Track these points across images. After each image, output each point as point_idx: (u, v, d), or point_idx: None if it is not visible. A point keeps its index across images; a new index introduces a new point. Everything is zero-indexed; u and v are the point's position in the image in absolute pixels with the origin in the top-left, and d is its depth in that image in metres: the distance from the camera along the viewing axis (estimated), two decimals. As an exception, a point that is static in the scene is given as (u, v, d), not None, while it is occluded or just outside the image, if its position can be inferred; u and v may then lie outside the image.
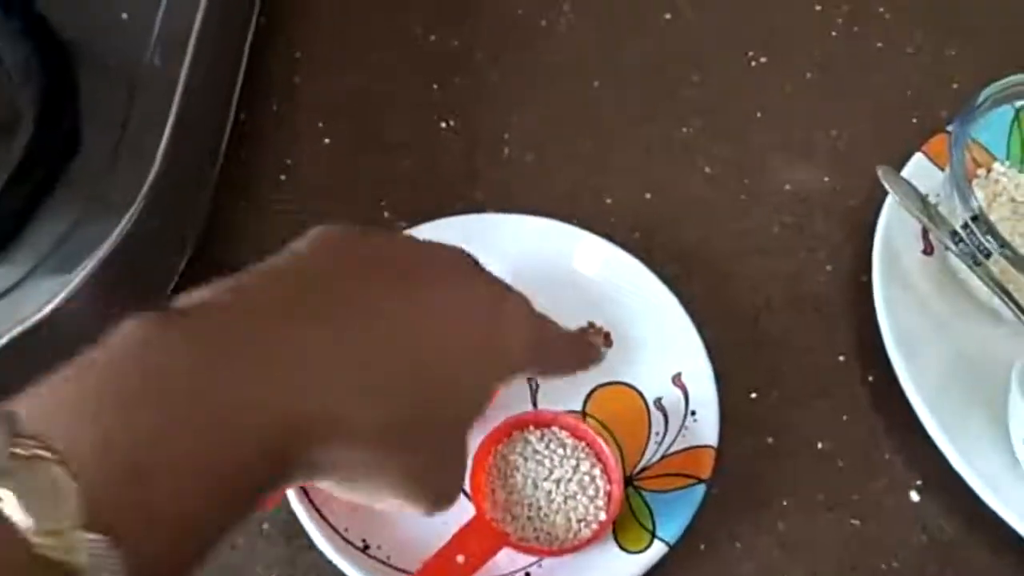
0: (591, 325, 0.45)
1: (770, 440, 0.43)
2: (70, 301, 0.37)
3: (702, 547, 0.41)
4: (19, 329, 0.36)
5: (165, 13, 0.45)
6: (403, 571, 0.38)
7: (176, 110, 0.42)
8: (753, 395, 0.44)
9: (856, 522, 0.42)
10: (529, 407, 0.43)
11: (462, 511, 0.37)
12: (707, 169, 0.52)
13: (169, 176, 0.41)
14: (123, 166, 0.40)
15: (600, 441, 0.39)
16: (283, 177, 0.50)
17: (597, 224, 0.48)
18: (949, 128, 0.50)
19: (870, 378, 0.45)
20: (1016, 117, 0.49)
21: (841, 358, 0.46)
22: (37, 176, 0.40)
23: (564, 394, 0.43)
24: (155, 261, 0.43)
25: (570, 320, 0.45)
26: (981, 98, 0.46)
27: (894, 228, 0.47)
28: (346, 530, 0.38)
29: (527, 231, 0.47)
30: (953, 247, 0.44)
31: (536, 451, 0.39)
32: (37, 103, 0.41)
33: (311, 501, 0.38)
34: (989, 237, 0.42)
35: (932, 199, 0.47)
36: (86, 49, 0.43)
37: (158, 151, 0.40)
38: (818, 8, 0.58)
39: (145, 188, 0.39)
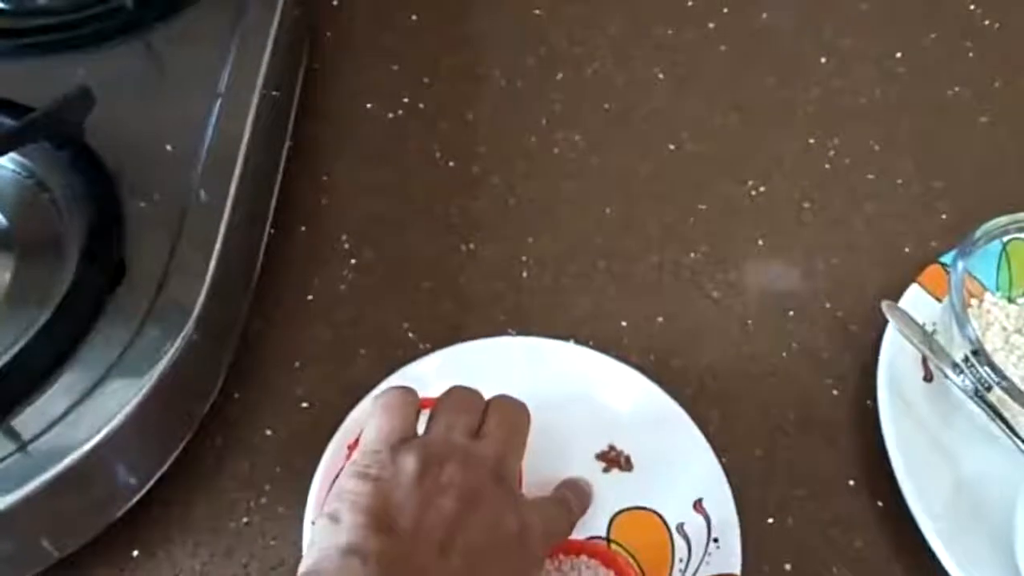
0: (611, 448, 0.47)
1: (788, 567, 0.45)
2: (122, 426, 0.38)
3: (727, 674, 0.41)
4: (72, 457, 0.37)
5: (210, 144, 0.47)
6: None
7: (222, 238, 0.43)
8: (770, 520, 0.46)
9: (873, 647, 0.43)
10: (555, 532, 0.44)
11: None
12: (715, 294, 0.54)
13: (213, 301, 0.42)
14: (172, 291, 0.42)
15: (631, 572, 0.40)
16: (310, 297, 0.52)
17: (613, 346, 0.50)
18: (940, 260, 0.53)
19: (879, 503, 0.47)
20: (1004, 250, 0.52)
21: (851, 483, 0.47)
22: (85, 304, 0.41)
23: (588, 520, 0.44)
24: (196, 381, 0.44)
25: (590, 443, 0.47)
26: (977, 235, 0.49)
27: (897, 356, 0.49)
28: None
29: (548, 355, 0.49)
30: (954, 378, 0.46)
31: (568, 580, 0.40)
32: (84, 234, 0.43)
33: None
34: (988, 370, 0.45)
35: (928, 327, 0.50)
36: (133, 180, 0.45)
37: (206, 277, 0.42)
38: (811, 141, 0.62)
39: (195, 312, 0.41)
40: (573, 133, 0.60)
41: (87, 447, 0.38)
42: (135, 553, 0.43)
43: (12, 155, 0.45)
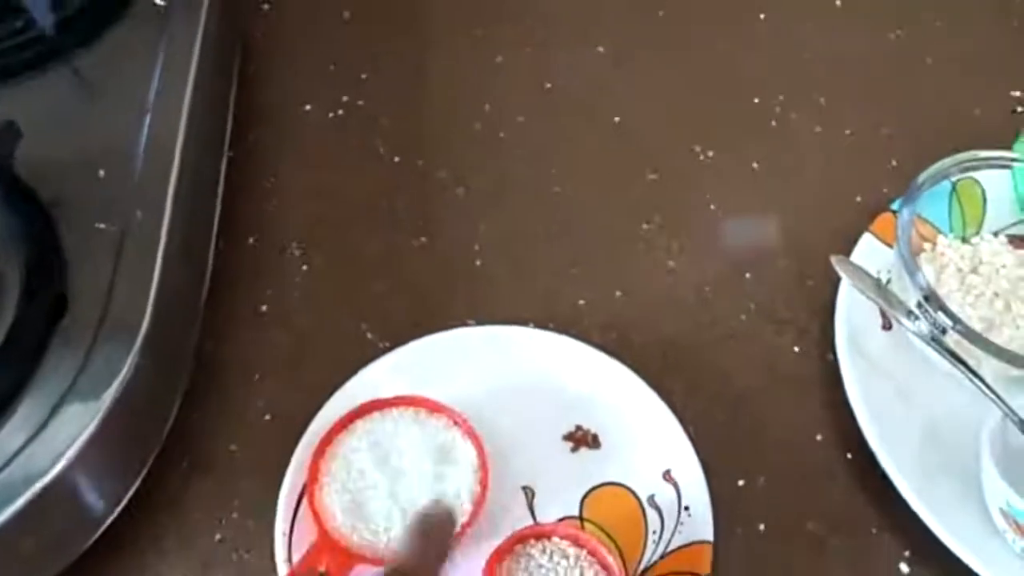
0: (578, 428, 0.47)
1: (761, 527, 0.45)
2: (78, 459, 0.38)
3: (709, 641, 0.42)
4: (27, 496, 0.37)
5: (143, 163, 0.46)
6: None
7: (162, 257, 0.43)
8: (740, 483, 0.46)
9: (853, 599, 0.43)
10: (527, 516, 0.44)
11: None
12: (671, 263, 0.54)
13: (159, 323, 0.42)
14: (115, 318, 0.41)
15: (602, 549, 0.40)
16: (264, 307, 0.52)
17: (573, 326, 0.50)
18: (893, 207, 0.53)
19: (848, 455, 0.47)
20: (954, 191, 0.52)
21: (819, 438, 0.48)
22: (26, 343, 0.40)
23: (560, 500, 0.44)
24: (151, 405, 0.43)
25: (557, 425, 0.47)
26: (920, 181, 0.49)
27: (853, 308, 0.49)
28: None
29: (508, 341, 0.49)
30: (910, 325, 0.46)
31: (540, 565, 0.40)
32: (22, 270, 0.42)
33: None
34: (941, 314, 0.45)
35: (884, 276, 0.50)
36: (69, 209, 0.44)
37: (148, 299, 0.41)
38: (756, 100, 0.61)
39: (140, 336, 0.40)
40: (516, 115, 0.60)
41: (45, 480, 0.37)
42: (109, 582, 0.43)
43: (-59, 195, 0.44)
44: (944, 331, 0.45)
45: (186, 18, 0.52)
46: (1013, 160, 0.51)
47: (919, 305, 0.46)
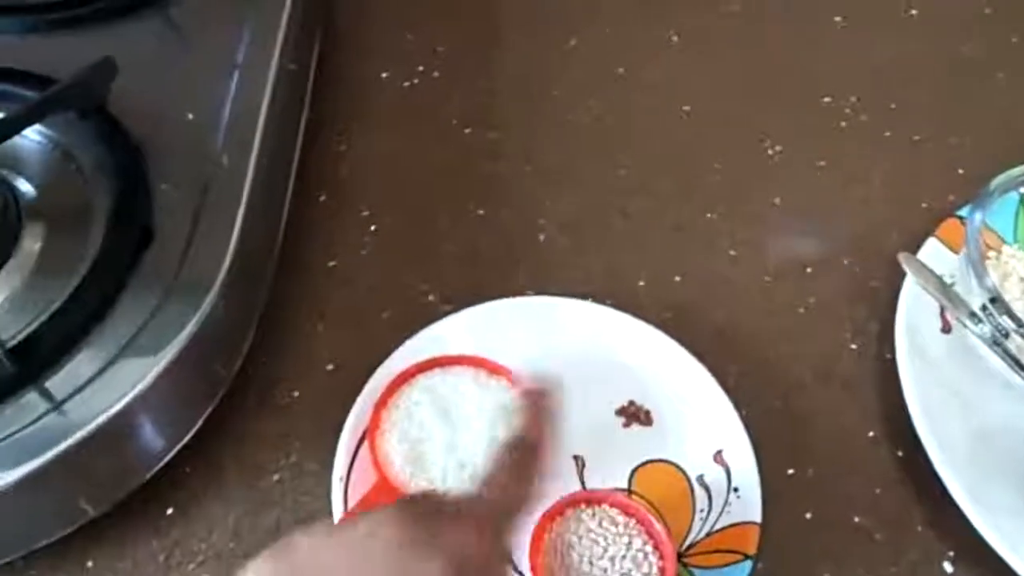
0: (631, 404, 0.48)
1: (808, 515, 0.45)
2: (153, 386, 0.39)
3: (750, 621, 0.42)
4: (105, 416, 0.38)
5: (230, 112, 0.47)
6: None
7: (245, 203, 0.44)
8: (790, 471, 0.46)
9: (894, 593, 0.43)
10: (577, 485, 0.44)
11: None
12: (732, 252, 0.55)
13: (239, 265, 0.43)
14: (197, 256, 0.43)
15: (651, 518, 0.41)
16: (333, 263, 0.53)
17: (631, 305, 0.51)
18: (958, 213, 0.53)
19: (899, 452, 0.47)
20: (1021, 202, 0.52)
21: (871, 434, 0.48)
22: (113, 268, 0.42)
23: (610, 472, 0.45)
24: (227, 340, 0.45)
25: (610, 399, 0.48)
26: (991, 187, 0.49)
27: (914, 309, 0.49)
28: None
29: (567, 313, 0.49)
30: (972, 327, 0.46)
31: (590, 529, 0.41)
32: (110, 200, 0.44)
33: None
34: (1006, 318, 0.45)
35: (947, 279, 0.50)
36: (157, 147, 0.46)
37: (231, 241, 0.43)
38: (827, 100, 0.62)
39: (221, 275, 0.42)
40: (587, 98, 0.61)
41: (118, 407, 0.39)
42: (169, 511, 0.44)
43: (38, 126, 0.46)
44: (1007, 335, 0.45)
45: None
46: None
47: (983, 308, 0.46)
